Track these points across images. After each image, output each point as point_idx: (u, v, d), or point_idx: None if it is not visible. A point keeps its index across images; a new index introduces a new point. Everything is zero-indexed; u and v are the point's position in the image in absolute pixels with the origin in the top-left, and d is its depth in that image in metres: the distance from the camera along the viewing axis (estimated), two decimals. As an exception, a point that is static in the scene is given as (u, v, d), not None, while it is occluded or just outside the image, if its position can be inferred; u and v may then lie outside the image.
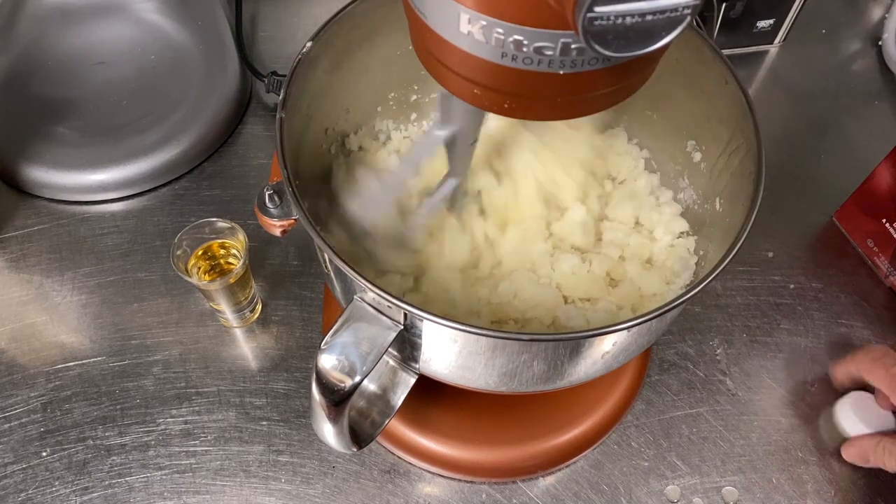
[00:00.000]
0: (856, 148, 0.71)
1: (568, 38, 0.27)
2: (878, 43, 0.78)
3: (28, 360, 0.57)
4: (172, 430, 0.54)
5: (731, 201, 0.44)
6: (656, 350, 0.59)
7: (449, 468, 0.53)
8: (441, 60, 0.31)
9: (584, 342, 0.38)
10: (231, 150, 0.69)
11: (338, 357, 0.37)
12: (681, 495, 0.53)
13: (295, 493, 0.52)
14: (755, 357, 0.59)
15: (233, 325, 0.59)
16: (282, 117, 0.41)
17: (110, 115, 0.67)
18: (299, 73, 0.43)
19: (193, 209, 0.65)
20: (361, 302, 0.38)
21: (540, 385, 0.42)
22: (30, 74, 0.69)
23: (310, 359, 0.57)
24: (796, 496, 0.53)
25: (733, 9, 0.72)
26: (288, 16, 0.79)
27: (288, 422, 0.54)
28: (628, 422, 0.56)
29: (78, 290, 0.60)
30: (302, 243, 0.63)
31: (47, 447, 0.53)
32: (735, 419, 0.56)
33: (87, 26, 0.72)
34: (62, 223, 0.64)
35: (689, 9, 0.24)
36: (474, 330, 0.35)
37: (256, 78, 0.71)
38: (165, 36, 0.72)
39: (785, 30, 0.76)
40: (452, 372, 0.41)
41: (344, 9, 0.45)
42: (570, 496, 0.53)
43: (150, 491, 0.52)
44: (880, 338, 0.60)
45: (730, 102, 0.44)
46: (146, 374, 0.56)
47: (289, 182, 0.39)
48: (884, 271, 0.63)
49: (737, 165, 0.44)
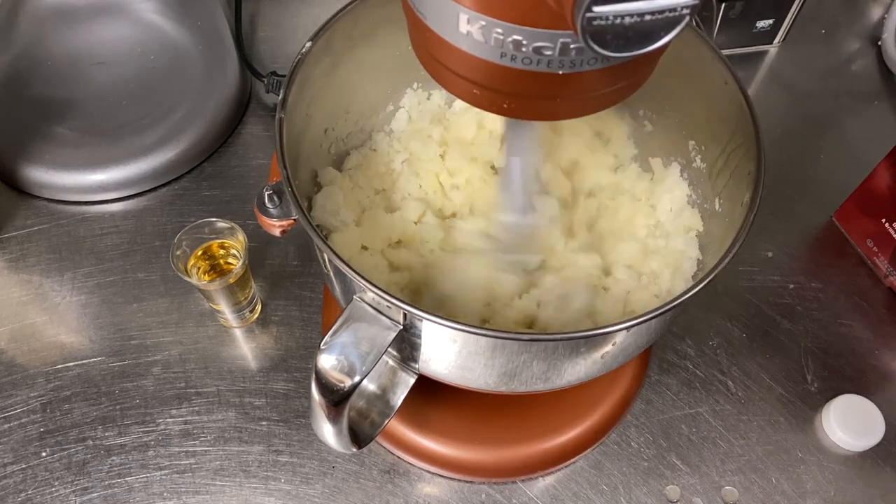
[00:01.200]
0: (855, 148, 0.71)
1: (567, 38, 0.27)
2: (878, 43, 0.78)
3: (28, 360, 0.57)
4: (172, 431, 0.54)
5: (731, 201, 0.44)
6: (656, 350, 0.59)
7: (448, 468, 0.53)
8: (440, 60, 0.31)
9: (583, 342, 0.38)
10: (231, 150, 0.69)
11: (337, 357, 0.37)
12: (680, 495, 0.53)
13: (294, 494, 0.52)
14: (755, 357, 0.59)
15: (232, 326, 0.59)
16: (281, 117, 0.41)
17: (110, 116, 0.67)
18: (299, 74, 0.43)
19: (193, 209, 0.65)
20: (361, 302, 0.38)
21: (540, 385, 0.42)
22: (29, 74, 0.69)
23: (309, 359, 0.57)
24: (796, 496, 0.53)
25: (733, 9, 0.72)
26: (288, 16, 0.79)
27: (288, 422, 0.54)
28: (628, 422, 0.56)
29: (77, 290, 0.60)
30: (301, 243, 0.63)
31: (47, 447, 0.53)
32: (735, 419, 0.56)
33: (86, 26, 0.72)
34: (62, 223, 0.64)
35: (688, 9, 0.24)
36: (474, 330, 0.35)
37: (256, 78, 0.71)
38: (165, 36, 0.72)
39: (784, 30, 0.76)
40: (452, 372, 0.41)
41: (344, 9, 0.45)
42: (569, 496, 0.53)
43: (150, 491, 0.52)
44: (880, 338, 0.60)
45: (729, 102, 0.44)
46: (146, 374, 0.56)
47: (288, 182, 0.39)
48: (883, 271, 0.63)
49: (736, 165, 0.44)
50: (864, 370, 0.58)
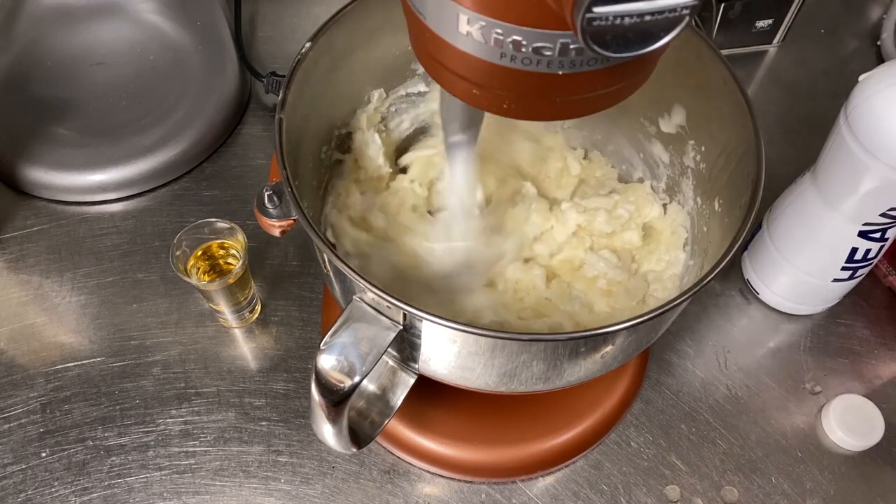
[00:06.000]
0: (855, 148, 0.71)
1: (567, 38, 0.27)
2: (878, 43, 0.79)
3: (27, 360, 0.57)
4: (172, 431, 0.54)
5: (730, 201, 0.44)
6: (656, 350, 0.59)
7: (448, 468, 0.53)
8: (440, 61, 0.31)
9: (583, 342, 0.38)
10: (230, 150, 0.69)
11: (337, 357, 0.37)
12: (680, 495, 0.53)
13: (294, 494, 0.52)
14: (755, 357, 0.59)
15: (232, 326, 0.59)
16: (281, 118, 0.41)
17: (109, 116, 0.67)
18: (298, 74, 0.43)
19: (192, 209, 0.65)
20: (360, 302, 0.38)
21: (539, 385, 0.42)
22: (29, 75, 0.69)
23: (309, 359, 0.57)
24: (796, 496, 0.53)
25: (732, 9, 0.72)
26: (287, 16, 0.79)
27: (287, 422, 0.54)
28: (628, 422, 0.56)
29: (77, 290, 0.60)
30: (301, 243, 0.63)
31: (47, 448, 0.53)
32: (735, 419, 0.56)
33: (86, 26, 0.72)
34: (61, 224, 0.64)
35: (687, 9, 0.24)
36: (473, 330, 0.35)
37: (255, 78, 0.71)
38: (165, 36, 0.72)
39: (784, 30, 0.77)
40: (452, 372, 0.41)
41: (344, 9, 0.45)
42: (569, 496, 0.53)
43: (150, 491, 0.52)
44: (880, 337, 0.60)
45: (729, 102, 0.44)
46: (145, 374, 0.56)
47: (288, 182, 0.39)
48: (883, 271, 0.63)
49: (735, 165, 0.44)
50: (863, 370, 0.58)
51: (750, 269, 0.61)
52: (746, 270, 0.62)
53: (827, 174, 0.52)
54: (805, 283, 0.57)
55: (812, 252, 0.55)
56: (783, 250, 0.57)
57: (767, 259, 0.59)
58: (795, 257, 0.56)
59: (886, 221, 0.50)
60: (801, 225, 0.55)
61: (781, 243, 0.57)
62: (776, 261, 0.58)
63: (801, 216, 0.55)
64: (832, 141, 0.50)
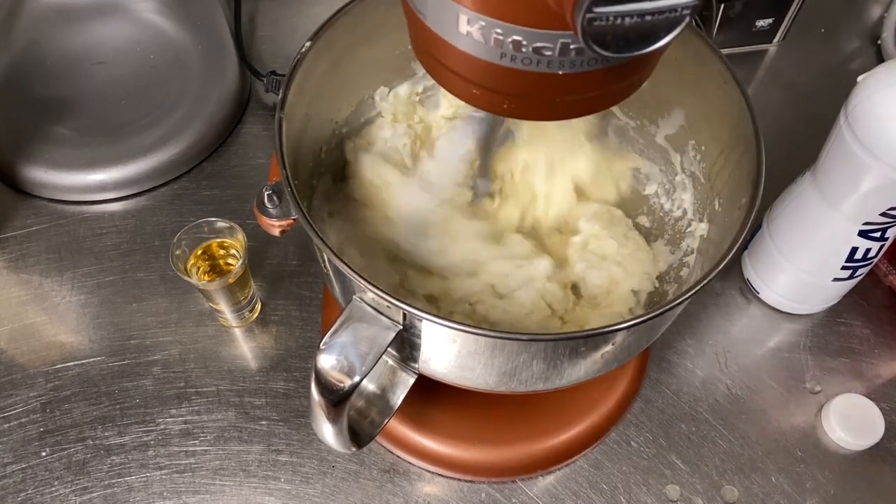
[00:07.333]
0: (855, 147, 0.71)
1: (567, 38, 0.27)
2: (878, 42, 0.78)
3: (27, 360, 0.57)
4: (172, 430, 0.54)
5: (730, 201, 0.44)
6: (656, 350, 0.59)
7: (448, 468, 0.53)
8: (440, 60, 0.31)
9: (583, 342, 0.38)
10: (230, 149, 0.69)
11: (337, 357, 0.37)
12: (680, 495, 0.53)
13: (294, 493, 0.52)
14: (755, 356, 0.59)
15: (232, 325, 0.59)
16: (281, 117, 0.41)
17: (109, 115, 0.67)
18: (298, 73, 0.43)
19: (192, 209, 0.65)
20: (360, 302, 0.38)
21: (539, 384, 0.42)
22: (29, 74, 0.69)
23: (309, 358, 0.57)
24: (796, 496, 0.53)
25: (732, 8, 0.72)
26: (287, 15, 0.79)
27: (287, 421, 0.54)
28: (628, 421, 0.56)
29: (77, 290, 0.60)
30: (301, 243, 0.63)
31: (47, 447, 0.53)
32: (735, 419, 0.56)
33: (86, 26, 0.72)
34: (61, 223, 0.64)
35: (688, 9, 0.24)
36: (473, 330, 0.35)
37: (255, 77, 0.71)
38: (165, 36, 0.72)
39: (784, 29, 0.76)
40: (452, 372, 0.41)
41: (344, 8, 0.45)
42: (569, 496, 0.53)
43: (150, 491, 0.52)
44: (880, 337, 0.60)
45: (729, 102, 0.44)
46: (145, 373, 0.56)
47: (288, 182, 0.39)
48: (883, 270, 0.63)
49: (735, 165, 0.44)
50: (863, 370, 0.58)
51: (750, 268, 0.61)
52: (746, 270, 0.62)
53: (827, 174, 0.52)
54: (805, 283, 0.57)
55: (812, 251, 0.55)
56: (783, 250, 0.57)
57: (767, 258, 0.59)
58: (795, 257, 0.56)
59: (886, 221, 0.50)
60: (801, 224, 0.55)
61: (781, 243, 0.57)
62: (776, 260, 0.58)
63: (801, 216, 0.55)
64: (832, 140, 0.50)
